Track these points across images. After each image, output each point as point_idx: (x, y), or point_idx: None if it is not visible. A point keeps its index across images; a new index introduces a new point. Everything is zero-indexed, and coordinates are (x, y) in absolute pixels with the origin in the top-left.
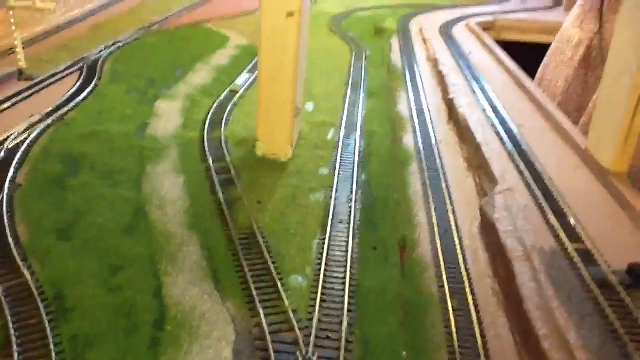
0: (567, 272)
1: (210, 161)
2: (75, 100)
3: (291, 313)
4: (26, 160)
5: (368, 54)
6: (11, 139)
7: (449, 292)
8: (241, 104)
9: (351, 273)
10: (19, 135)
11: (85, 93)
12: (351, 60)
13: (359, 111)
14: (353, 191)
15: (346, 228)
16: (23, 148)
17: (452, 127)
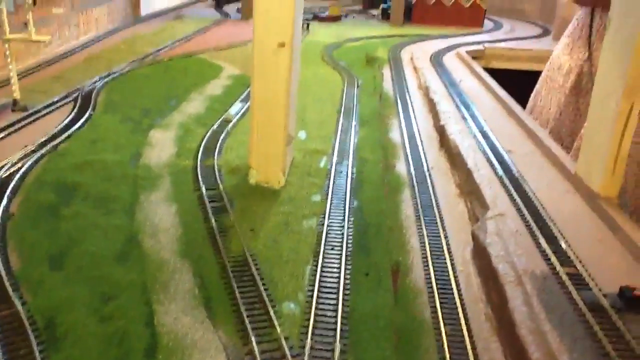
0: (559, 296)
1: (203, 189)
2: (69, 130)
3: (283, 340)
4: (19, 190)
5: (360, 82)
6: (4, 169)
7: (442, 318)
8: (234, 133)
9: (343, 299)
10: (13, 165)
11: (80, 123)
12: (343, 89)
13: (351, 139)
14: (345, 217)
15: (338, 254)
16: (16, 178)
17: (443, 154)
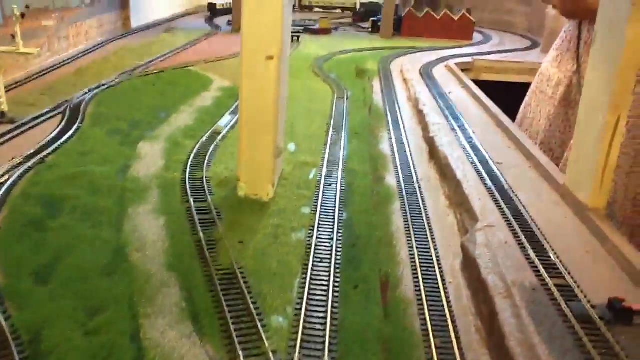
0: (548, 308)
1: (192, 202)
2: (57, 143)
3: (271, 354)
4: (5, 203)
5: (349, 94)
6: None
7: (432, 330)
8: (223, 145)
9: (332, 312)
10: None
11: (68, 135)
12: (333, 101)
13: (341, 151)
14: (334, 230)
15: (327, 267)
16: (2, 191)
17: (433, 165)
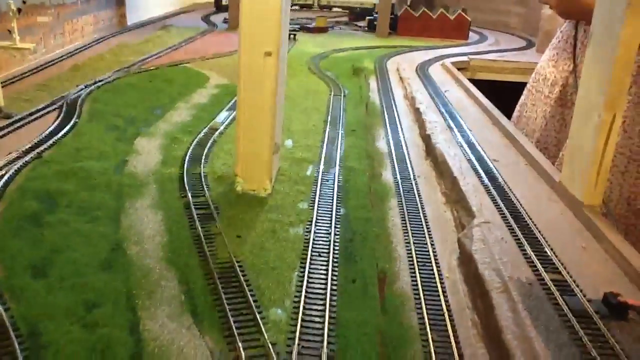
0: (544, 302)
1: (190, 197)
2: (54, 138)
3: (270, 346)
4: (1, 198)
5: (346, 92)
6: None
7: (429, 324)
8: (220, 142)
9: (330, 305)
10: None
11: (64, 131)
12: (330, 99)
13: (338, 148)
14: (332, 225)
15: (325, 261)
16: None
17: (429, 163)
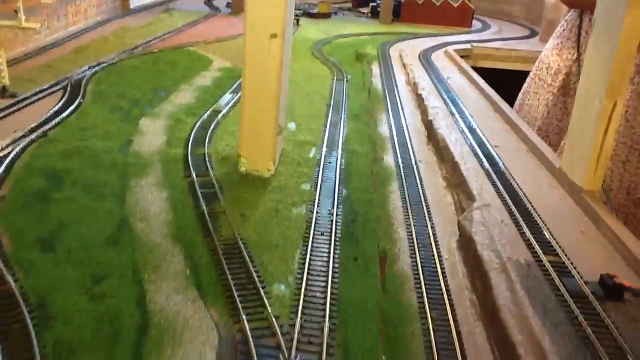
0: (542, 283)
1: (194, 176)
2: (59, 118)
3: (273, 319)
4: (9, 174)
5: (349, 77)
6: None
7: (428, 304)
8: (224, 124)
9: (332, 282)
10: (3, 149)
11: (69, 111)
12: (333, 84)
13: (340, 131)
14: (334, 205)
15: (327, 240)
16: (6, 162)
17: (431, 148)
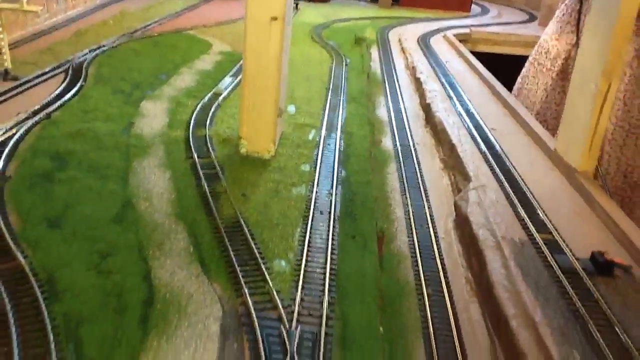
0: (535, 260)
1: (196, 157)
2: (61, 100)
3: (275, 293)
4: (14, 155)
5: (348, 61)
6: None
7: (425, 280)
8: (224, 106)
9: (331, 258)
10: (7, 131)
11: (71, 94)
12: (332, 67)
13: (340, 114)
14: (333, 186)
15: (327, 218)
16: (11, 143)
17: (428, 130)
